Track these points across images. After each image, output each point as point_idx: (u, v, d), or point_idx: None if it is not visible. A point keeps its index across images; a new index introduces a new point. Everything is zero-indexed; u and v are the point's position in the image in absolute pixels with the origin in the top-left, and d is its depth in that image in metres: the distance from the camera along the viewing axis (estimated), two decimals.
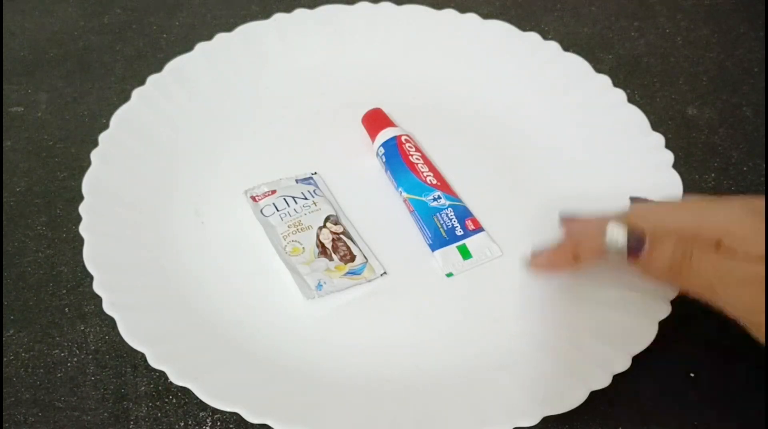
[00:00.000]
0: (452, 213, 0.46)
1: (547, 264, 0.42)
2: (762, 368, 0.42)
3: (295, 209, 0.47)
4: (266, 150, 0.51)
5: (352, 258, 0.45)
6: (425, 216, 0.46)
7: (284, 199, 0.47)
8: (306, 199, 0.47)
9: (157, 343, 0.39)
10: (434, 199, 0.47)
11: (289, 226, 0.46)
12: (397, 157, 0.48)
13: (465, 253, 0.45)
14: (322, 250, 0.45)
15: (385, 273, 0.45)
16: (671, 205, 0.41)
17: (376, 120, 0.51)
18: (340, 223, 0.47)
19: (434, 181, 0.48)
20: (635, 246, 0.38)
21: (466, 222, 0.46)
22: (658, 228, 0.38)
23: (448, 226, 0.46)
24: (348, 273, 0.44)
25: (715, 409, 0.41)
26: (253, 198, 0.48)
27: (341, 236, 0.46)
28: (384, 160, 0.49)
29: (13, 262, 0.46)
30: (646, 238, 0.38)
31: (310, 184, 0.49)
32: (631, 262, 0.38)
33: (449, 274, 0.45)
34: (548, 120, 0.52)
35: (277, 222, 0.46)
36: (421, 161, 0.48)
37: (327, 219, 0.47)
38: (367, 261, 0.45)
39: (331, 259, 0.45)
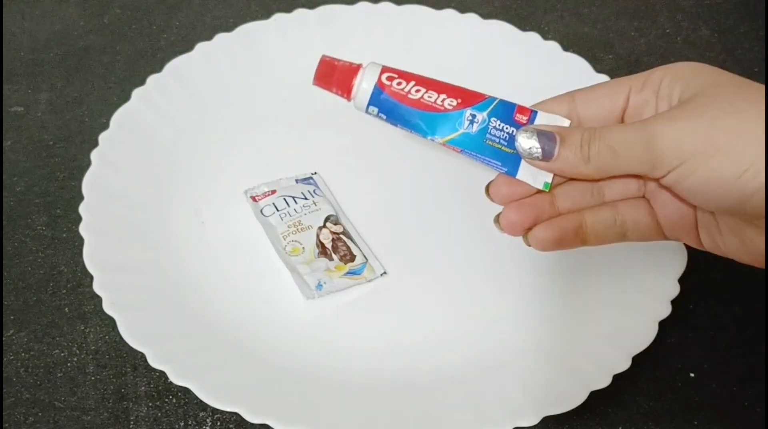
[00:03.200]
0: (497, 122, 0.37)
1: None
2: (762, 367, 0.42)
3: (295, 209, 0.47)
4: (266, 150, 0.51)
5: (352, 258, 0.45)
6: (478, 148, 0.36)
7: (284, 199, 0.47)
8: (306, 199, 0.47)
9: (157, 343, 0.39)
10: (470, 122, 0.37)
11: (288, 226, 0.46)
12: (398, 107, 0.37)
13: None
14: (322, 250, 0.45)
15: (385, 273, 0.45)
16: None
17: (334, 72, 0.38)
18: (340, 223, 0.47)
19: (453, 102, 0.37)
20: (547, 146, 0.34)
21: (516, 117, 0.37)
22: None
23: (505, 138, 0.36)
24: (348, 273, 0.44)
25: (715, 409, 0.41)
26: (253, 198, 0.48)
27: (341, 236, 0.46)
28: (385, 117, 0.37)
29: (13, 262, 0.46)
30: (556, 136, 0.34)
31: (310, 184, 0.49)
32: (549, 165, 0.34)
33: (547, 186, 0.36)
34: None
35: (277, 222, 0.46)
36: (423, 89, 0.37)
37: (327, 219, 0.47)
38: (367, 261, 0.45)
39: (331, 259, 0.45)
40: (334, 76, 0.37)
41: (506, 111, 0.37)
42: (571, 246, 0.37)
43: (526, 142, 0.35)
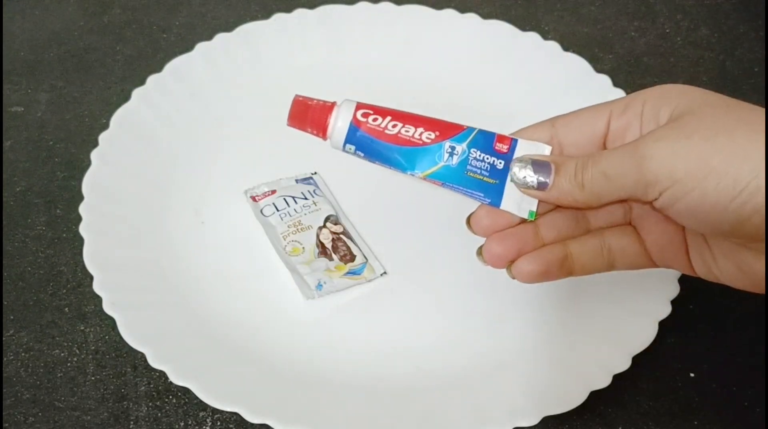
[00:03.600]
0: (478, 153, 0.36)
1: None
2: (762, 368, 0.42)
3: (295, 209, 0.47)
4: (266, 150, 0.51)
5: (352, 258, 0.45)
6: (459, 181, 0.36)
7: (284, 199, 0.47)
8: (306, 199, 0.47)
9: (157, 343, 0.39)
10: (449, 155, 0.36)
11: (288, 226, 0.46)
12: (375, 143, 0.36)
13: None
14: (322, 250, 0.45)
15: (385, 273, 0.45)
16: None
17: (307, 113, 0.37)
18: (340, 223, 0.47)
19: (431, 136, 0.36)
20: (542, 175, 0.34)
21: (496, 146, 0.36)
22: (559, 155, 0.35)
23: (486, 168, 0.36)
24: (348, 273, 0.44)
25: (715, 409, 0.41)
26: (253, 198, 0.48)
27: (341, 236, 0.46)
28: (363, 155, 0.37)
29: (13, 262, 0.46)
30: (551, 165, 0.34)
31: (310, 184, 0.49)
32: (545, 194, 0.34)
33: (532, 215, 0.35)
34: None
35: (277, 222, 0.46)
36: (400, 124, 0.36)
37: (327, 219, 0.47)
38: (367, 261, 0.45)
39: (331, 259, 0.45)
40: (308, 115, 0.37)
41: (486, 141, 0.36)
42: (557, 278, 0.36)
43: (521, 172, 0.34)
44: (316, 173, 0.50)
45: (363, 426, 0.38)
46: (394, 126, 0.36)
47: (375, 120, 0.36)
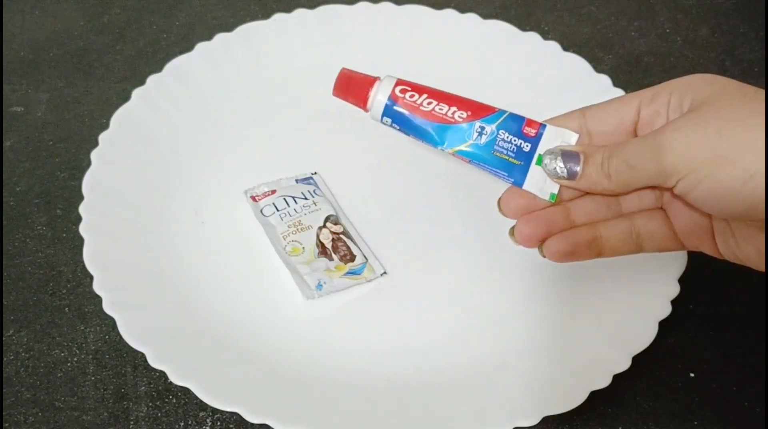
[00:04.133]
0: (506, 134, 0.38)
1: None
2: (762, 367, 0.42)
3: (295, 209, 0.47)
4: (266, 150, 0.51)
5: (352, 258, 0.45)
6: (486, 159, 0.38)
7: (284, 199, 0.47)
8: (306, 199, 0.47)
9: (157, 343, 0.39)
10: (479, 134, 0.38)
11: (289, 226, 0.46)
12: (410, 119, 0.38)
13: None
14: (322, 250, 0.45)
15: (385, 273, 0.45)
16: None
17: (351, 85, 0.39)
18: (340, 223, 0.47)
19: (463, 115, 0.39)
20: (572, 165, 0.36)
21: (524, 130, 0.38)
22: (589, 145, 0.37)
23: (513, 149, 0.37)
24: (348, 273, 0.44)
25: (715, 409, 0.41)
26: (253, 198, 0.48)
27: (341, 236, 0.46)
28: (398, 128, 0.39)
29: (13, 262, 0.46)
30: (580, 155, 0.36)
31: (310, 183, 0.49)
32: (575, 183, 0.36)
33: (553, 197, 0.37)
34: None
35: (277, 222, 0.46)
36: (435, 102, 0.39)
37: (327, 219, 0.47)
38: (367, 261, 0.45)
39: (331, 259, 0.45)
40: (351, 87, 0.39)
41: (515, 124, 0.38)
42: (586, 258, 0.37)
43: (552, 163, 0.36)
44: (316, 173, 0.49)
45: (363, 426, 0.38)
46: (429, 103, 0.39)
47: (412, 96, 0.38)
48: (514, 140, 0.38)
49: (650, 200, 0.37)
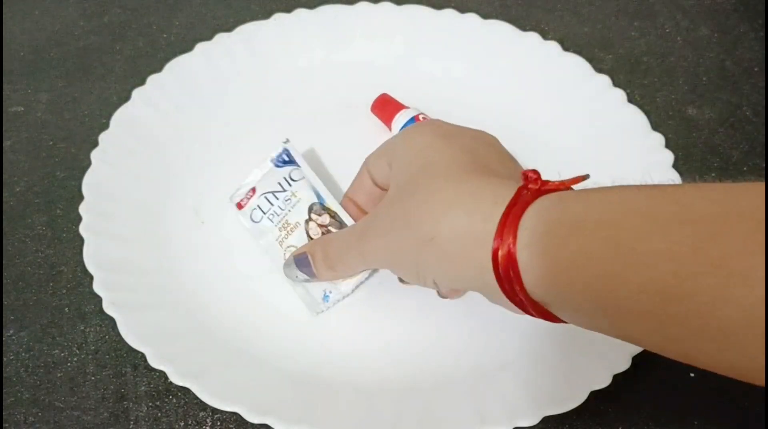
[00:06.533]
0: None
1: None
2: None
3: (279, 207, 0.45)
4: (266, 150, 0.51)
5: None
6: None
7: (265, 197, 0.46)
8: (284, 190, 0.45)
9: (157, 343, 0.39)
10: None
11: (280, 229, 0.45)
12: None
13: None
14: None
15: None
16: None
17: (387, 105, 0.51)
18: (325, 211, 0.44)
19: None
20: (306, 269, 0.42)
21: None
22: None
23: None
24: None
25: (715, 409, 0.41)
26: (239, 205, 0.46)
27: (329, 228, 0.44)
28: None
29: (13, 262, 0.46)
30: (308, 257, 0.41)
31: (285, 163, 0.46)
32: (320, 280, 0.42)
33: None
34: (548, 120, 0.52)
35: (269, 226, 0.45)
36: None
37: (310, 209, 0.44)
38: None
39: None
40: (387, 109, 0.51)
41: None
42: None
43: (292, 272, 0.42)
44: (288, 141, 0.47)
45: (363, 426, 0.38)
46: None
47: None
48: None
49: None
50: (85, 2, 0.62)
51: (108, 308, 0.40)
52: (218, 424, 0.40)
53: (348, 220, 0.44)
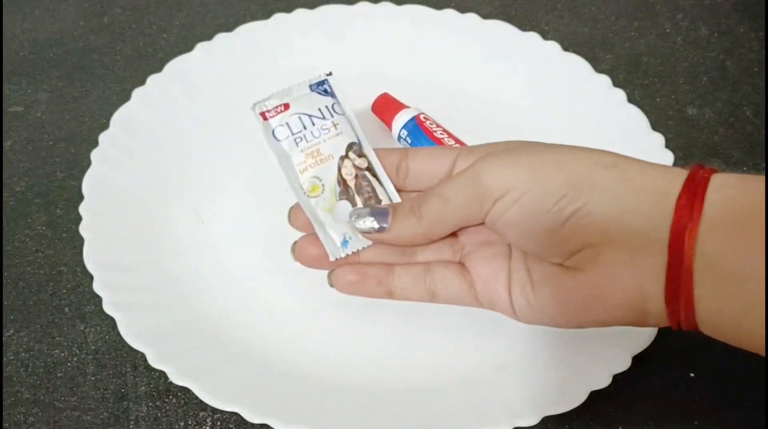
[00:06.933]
0: None
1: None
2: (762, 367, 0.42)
3: (312, 133, 0.39)
4: (266, 150, 0.51)
5: (378, 202, 0.39)
6: None
7: (299, 117, 0.39)
8: (324, 118, 0.39)
9: (157, 343, 0.39)
10: None
11: (306, 156, 0.39)
12: (422, 136, 0.48)
13: None
14: (344, 188, 0.39)
15: None
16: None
17: (388, 105, 0.51)
18: (365, 155, 0.39)
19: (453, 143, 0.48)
20: (380, 219, 0.37)
21: None
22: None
23: None
24: None
25: (715, 409, 0.41)
26: (263, 115, 0.40)
27: (366, 173, 0.39)
28: (409, 142, 0.49)
29: (13, 262, 0.46)
30: (388, 209, 0.37)
31: (326, 94, 0.40)
32: (386, 235, 0.37)
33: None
34: (548, 120, 0.52)
35: (292, 149, 0.39)
36: (446, 135, 0.48)
37: (350, 147, 0.39)
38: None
39: (354, 204, 0.38)
40: (389, 109, 0.51)
41: None
42: (375, 295, 0.39)
43: (361, 222, 0.37)
44: (330, 74, 0.41)
45: (363, 426, 0.38)
46: (442, 133, 0.49)
47: (431, 125, 0.49)
48: None
49: (447, 253, 0.39)
50: (85, 2, 0.62)
51: (108, 308, 0.40)
52: (218, 424, 0.40)
53: (382, 173, 0.39)
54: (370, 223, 0.37)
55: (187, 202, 0.48)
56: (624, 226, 0.31)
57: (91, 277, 0.41)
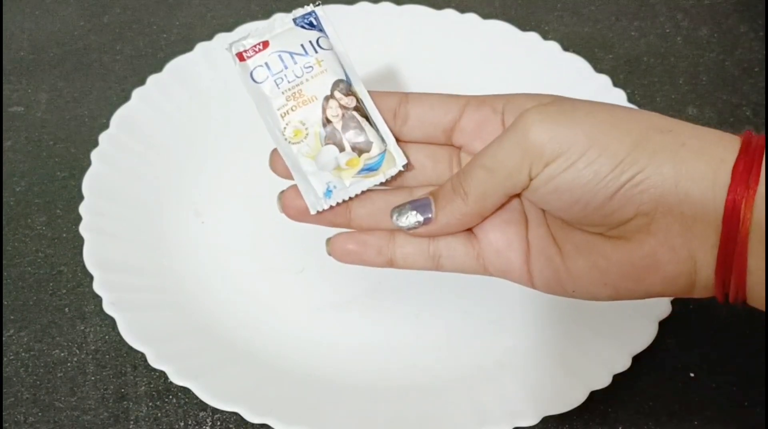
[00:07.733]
0: None
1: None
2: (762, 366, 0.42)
3: (294, 72, 0.35)
4: (266, 149, 0.51)
5: (368, 145, 0.35)
6: None
7: (279, 55, 0.35)
8: (307, 54, 0.35)
9: (157, 343, 0.39)
10: None
11: (287, 98, 0.35)
12: None
13: None
14: (331, 132, 0.35)
15: (407, 164, 0.36)
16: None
17: None
18: (353, 93, 0.35)
19: None
20: (423, 210, 0.34)
21: None
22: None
23: None
24: (362, 170, 0.35)
25: (715, 409, 0.41)
26: (240, 55, 0.36)
27: (354, 113, 0.35)
28: None
29: (13, 262, 0.46)
30: (428, 197, 0.34)
31: (311, 27, 0.36)
32: (433, 227, 0.34)
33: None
34: None
35: (272, 90, 0.35)
36: None
37: (336, 85, 0.35)
38: (386, 148, 0.35)
39: (342, 149, 0.35)
40: None
41: None
42: (375, 264, 0.36)
43: (404, 219, 0.34)
44: (318, 4, 0.37)
45: (363, 426, 0.38)
46: None
47: None
48: None
49: None
50: (85, 2, 0.62)
51: (108, 308, 0.40)
52: (218, 424, 0.40)
53: (375, 113, 0.35)
54: (414, 217, 0.34)
55: (187, 202, 0.48)
56: (682, 194, 0.30)
57: (91, 277, 0.41)
